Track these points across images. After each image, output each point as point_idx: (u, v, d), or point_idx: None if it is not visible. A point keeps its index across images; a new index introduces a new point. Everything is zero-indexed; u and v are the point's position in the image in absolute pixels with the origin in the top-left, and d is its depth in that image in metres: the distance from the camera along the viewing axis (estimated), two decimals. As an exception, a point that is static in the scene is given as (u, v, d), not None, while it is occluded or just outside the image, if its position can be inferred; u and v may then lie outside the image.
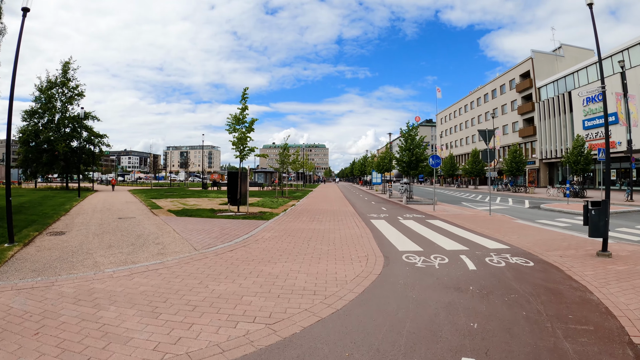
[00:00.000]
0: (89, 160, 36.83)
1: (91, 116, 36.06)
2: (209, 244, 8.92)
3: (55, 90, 34.36)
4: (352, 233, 11.07)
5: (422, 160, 26.93)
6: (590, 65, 43.04)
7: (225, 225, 12.16)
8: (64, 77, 34.43)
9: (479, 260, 7.69)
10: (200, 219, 13.66)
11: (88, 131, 35.87)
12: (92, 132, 36.15)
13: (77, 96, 35.12)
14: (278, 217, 14.84)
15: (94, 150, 37.13)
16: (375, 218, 15.52)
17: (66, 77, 34.44)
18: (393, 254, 8.21)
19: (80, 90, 35.21)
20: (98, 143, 36.94)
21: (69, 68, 34.55)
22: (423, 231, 11.72)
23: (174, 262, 7.09)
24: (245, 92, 15.58)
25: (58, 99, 34.58)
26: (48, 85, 34.10)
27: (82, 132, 34.33)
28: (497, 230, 12.16)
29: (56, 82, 34.30)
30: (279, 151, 29.72)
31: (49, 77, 34.43)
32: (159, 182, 71.42)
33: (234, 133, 15.22)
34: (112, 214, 15.33)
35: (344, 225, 13.04)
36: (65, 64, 34.41)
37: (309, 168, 64.13)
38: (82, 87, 35.31)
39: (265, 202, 22.63)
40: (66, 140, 33.93)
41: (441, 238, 10.37)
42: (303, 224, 12.97)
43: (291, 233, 10.85)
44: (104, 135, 37.08)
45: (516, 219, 16.03)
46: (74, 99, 35.07)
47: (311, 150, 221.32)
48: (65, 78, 34.41)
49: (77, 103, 35.33)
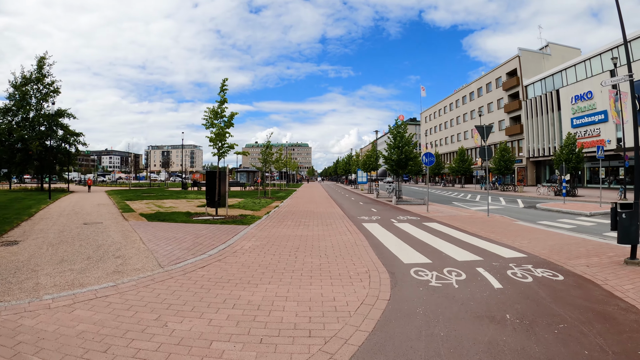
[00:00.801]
0: (65, 159, 35.10)
1: (67, 114, 34.19)
2: (178, 257, 7.46)
3: (30, 86, 32.47)
4: (345, 240, 9.72)
5: (411, 159, 25.73)
6: (579, 63, 42.61)
7: (200, 232, 10.68)
8: (39, 72, 32.45)
9: (500, 274, 6.47)
10: (173, 225, 12.15)
11: (64, 129, 34.10)
12: (68, 131, 34.30)
13: (52, 93, 33.23)
14: (260, 221, 13.40)
15: (69, 149, 35.31)
16: (367, 221, 14.22)
17: (41, 73, 32.47)
18: (398, 267, 6.89)
19: (56, 87, 33.38)
20: (74, 142, 35.09)
21: (44, 64, 32.59)
22: (424, 237, 10.45)
23: (130, 285, 5.63)
24: (224, 84, 14.10)
25: (33, 96, 32.78)
26: (23, 82, 32.15)
27: (57, 130, 32.73)
28: (503, 234, 11.06)
29: (31, 78, 32.33)
30: (262, 149, 28.15)
31: (24, 73, 32.45)
32: (139, 183, 69.06)
33: (212, 128, 13.72)
34: (78, 218, 13.83)
35: (334, 230, 11.70)
36: (41, 59, 32.41)
37: (292, 167, 62.61)
38: (57, 83, 33.51)
39: (247, 204, 21.15)
40: (40, 138, 32.01)
41: (447, 245, 9.11)
42: (288, 230, 11.57)
43: (275, 241, 9.44)
44: (80, 133, 35.26)
45: (516, 220, 14.98)
46: (50, 96, 33.14)
47: (294, 149, 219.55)
48: (41, 74, 32.44)
49: (53, 100, 33.24)
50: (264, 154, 27.82)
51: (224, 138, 13.79)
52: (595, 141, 39.22)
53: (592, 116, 40.08)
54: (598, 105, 39.27)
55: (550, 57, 52.98)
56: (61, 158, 34.57)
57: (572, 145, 31.09)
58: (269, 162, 28.12)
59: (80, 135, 35.26)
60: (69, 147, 35.18)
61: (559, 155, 31.56)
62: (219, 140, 13.73)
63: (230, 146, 13.94)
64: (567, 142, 31.38)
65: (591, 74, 40.66)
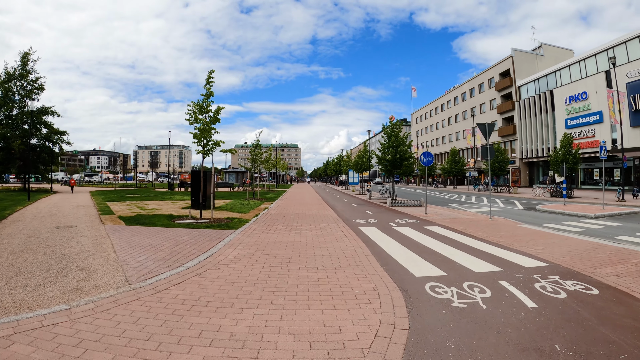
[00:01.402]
0: (48, 159, 33.65)
1: (51, 111, 32.74)
2: (151, 270, 6.35)
3: (14, 83, 30.89)
4: (343, 247, 8.68)
5: (406, 159, 24.74)
6: (574, 64, 42.16)
7: (180, 238, 9.56)
8: (23, 69, 30.89)
9: (528, 289, 5.58)
10: (153, 230, 11.00)
11: (48, 127, 32.71)
12: (52, 129, 32.91)
13: (37, 90, 31.77)
14: (248, 225, 12.29)
15: (53, 148, 33.91)
16: (364, 225, 13.20)
17: (25, 69, 30.91)
18: (410, 282, 5.87)
19: (40, 84, 31.86)
20: (57, 140, 33.66)
21: (29, 59, 31.01)
22: (429, 243, 9.46)
23: (86, 309, 4.54)
24: (210, 76, 12.97)
25: (16, 93, 31.20)
26: (6, 78, 30.54)
27: (41, 128, 31.44)
28: (512, 238, 10.20)
29: (14, 74, 30.75)
30: (251, 149, 26.81)
31: (7, 69, 30.85)
32: (126, 183, 67.46)
33: (196, 124, 12.56)
34: (53, 221, 12.71)
35: (330, 235, 10.65)
36: (25, 55, 30.83)
37: (282, 168, 61.35)
38: (42, 79, 31.99)
39: (235, 206, 20.01)
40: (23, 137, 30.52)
41: (458, 253, 8.13)
42: (279, 235, 10.48)
43: (264, 249, 8.34)
44: (64, 132, 33.87)
45: (520, 223, 14.11)
46: (34, 93, 31.73)
47: (283, 150, 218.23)
48: (25, 70, 30.87)
49: (37, 97, 32.22)
50: (253, 153, 26.55)
51: (209, 134, 12.64)
52: (590, 142, 38.76)
53: (586, 117, 39.60)
54: (593, 106, 38.81)
55: (544, 58, 52.62)
56: (45, 157, 33.20)
57: (569, 145, 30.47)
58: (258, 162, 26.87)
59: (65, 134, 34.00)
60: (53, 146, 33.84)
61: (555, 156, 30.90)
62: (203, 137, 12.58)
63: (216, 143, 12.79)
64: (563, 143, 30.75)
65: (586, 74, 40.21)
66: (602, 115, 37.73)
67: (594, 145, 38.47)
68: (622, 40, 35.57)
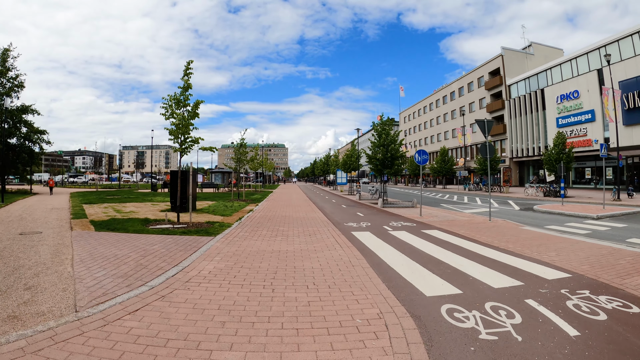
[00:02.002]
0: (28, 159, 32.11)
1: (31, 110, 31.11)
2: (106, 291, 5.23)
3: None
4: (336, 257, 7.62)
5: (397, 158, 23.76)
6: (565, 63, 41.76)
7: (151, 247, 8.42)
8: (3, 65, 29.05)
9: (562, 309, 4.69)
10: (123, 236, 9.85)
11: (28, 126, 31.13)
12: (32, 128, 31.36)
13: (16, 87, 29.99)
14: (230, 231, 11.15)
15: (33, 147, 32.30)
16: (357, 229, 12.18)
17: (5, 66, 29.09)
18: (421, 305, 4.84)
19: (20, 81, 30.07)
20: (37, 140, 32.09)
21: (9, 56, 29.24)
22: (432, 250, 8.48)
23: (14, 349, 3.45)
24: (188, 67, 11.84)
25: None
26: None
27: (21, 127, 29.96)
28: (519, 243, 9.40)
29: None
30: (235, 148, 25.45)
31: None
32: (110, 184, 65.64)
33: (172, 119, 11.38)
34: (20, 226, 11.62)
35: (320, 242, 9.60)
36: (4, 52, 29.03)
37: (269, 168, 60.00)
38: (22, 77, 30.22)
39: (217, 208, 18.84)
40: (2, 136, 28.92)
41: (467, 263, 7.17)
42: (263, 242, 9.37)
43: (245, 261, 7.23)
44: (44, 131, 32.36)
45: (522, 225, 13.31)
46: (13, 90, 29.93)
47: (270, 149, 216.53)
48: (4, 67, 29.05)
49: (17, 95, 30.47)
50: (238, 152, 25.30)
51: (187, 130, 11.50)
52: (582, 141, 38.36)
53: (578, 115, 39.20)
54: (585, 104, 38.43)
55: (533, 57, 52.30)
56: (24, 157, 31.65)
57: (562, 144, 29.90)
58: (243, 161, 25.59)
59: (45, 133, 32.52)
60: (33, 145, 32.23)
61: (549, 155, 30.31)
62: (181, 133, 11.44)
63: (194, 140, 11.62)
64: (556, 142, 30.16)
65: (577, 73, 39.82)
66: (594, 113, 37.35)
67: (585, 144, 38.09)
68: (615, 39, 35.21)
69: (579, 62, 39.87)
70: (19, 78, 30.14)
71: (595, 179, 38.14)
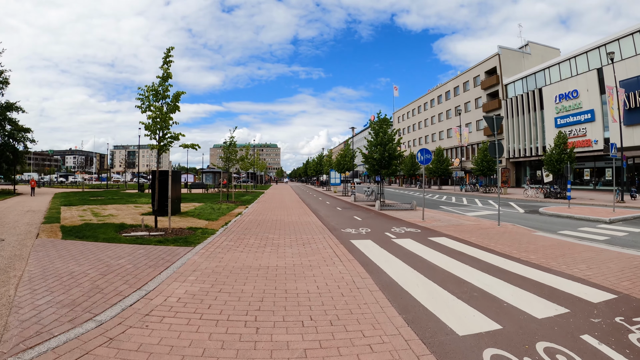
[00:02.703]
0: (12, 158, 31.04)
1: (15, 107, 29.92)
2: (41, 329, 3.93)
3: None
4: (337, 276, 6.36)
5: (395, 157, 22.49)
6: (564, 62, 40.87)
7: (117, 260, 7.13)
8: None
9: (628, 348, 3.62)
10: (90, 246, 8.54)
11: (12, 124, 29.99)
12: (17, 126, 30.22)
13: (1, 84, 28.95)
14: (213, 239, 9.84)
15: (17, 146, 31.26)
16: (356, 236, 10.94)
17: None
18: (456, 351, 3.62)
19: (5, 77, 28.98)
20: (21, 139, 30.89)
21: None
22: (446, 263, 7.29)
23: None
24: (168, 54, 10.57)
25: None
26: None
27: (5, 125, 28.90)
28: (541, 253, 8.33)
29: None
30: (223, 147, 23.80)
31: None
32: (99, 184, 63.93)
33: (149, 112, 10.05)
34: None
35: (316, 253, 8.36)
36: None
37: (260, 167, 58.46)
38: (7, 73, 29.12)
39: (204, 210, 17.52)
40: None
41: (492, 281, 5.99)
42: (249, 255, 8.04)
43: (225, 282, 5.93)
44: (29, 129, 31.24)
45: (534, 230, 12.25)
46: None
47: (263, 150, 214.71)
48: None
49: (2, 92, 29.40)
50: (227, 151, 23.84)
51: (166, 125, 10.21)
52: (581, 141, 37.47)
53: (577, 115, 38.33)
54: (584, 104, 37.57)
55: (530, 56, 51.51)
56: (8, 156, 30.54)
57: (564, 144, 28.93)
58: (232, 160, 24.13)
59: (29, 132, 31.41)
60: (17, 144, 31.14)
61: (550, 155, 29.32)
62: (159, 129, 10.15)
63: (174, 137, 10.31)
64: (557, 142, 29.18)
65: (576, 72, 38.96)
66: (594, 113, 36.51)
67: (585, 145, 37.24)
68: (615, 38, 34.39)
69: (578, 61, 39.01)
70: (4, 74, 29.12)
71: (595, 180, 37.31)
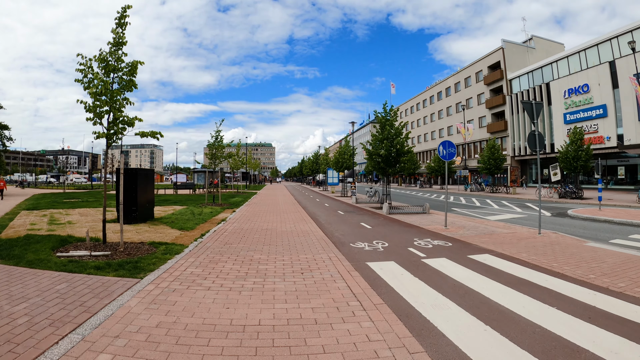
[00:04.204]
0: None
1: None
2: None
3: None
4: (363, 350, 3.84)
5: (403, 154, 19.79)
6: (573, 55, 38.51)
7: (14, 305, 4.52)
8: None
9: None
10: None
11: None
12: None
13: None
14: (175, 263, 7.11)
15: None
16: (373, 255, 8.23)
17: None
18: None
19: None
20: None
21: None
22: (516, 303, 4.73)
23: None
24: (124, 13, 7.92)
25: None
26: None
27: None
28: (620, 276, 5.87)
29: None
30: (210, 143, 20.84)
31: None
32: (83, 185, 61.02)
33: (93, 88, 7.40)
34: None
35: (323, 292, 5.74)
36: None
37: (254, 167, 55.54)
38: None
39: (181, 216, 14.80)
40: None
41: (613, 340, 3.44)
42: (218, 300, 5.32)
43: None
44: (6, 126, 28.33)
45: (584, 240, 9.87)
46: None
47: (257, 149, 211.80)
48: None
49: None
50: (212, 147, 21.03)
51: (118, 106, 7.55)
52: (592, 138, 35.14)
53: (588, 111, 36.00)
54: (595, 99, 35.26)
55: (535, 50, 49.24)
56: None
57: (580, 140, 26.64)
58: (218, 157, 21.31)
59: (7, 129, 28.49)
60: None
61: (565, 152, 27.01)
62: (107, 111, 7.51)
63: (128, 122, 7.65)
64: (573, 138, 26.88)
65: (587, 65, 36.64)
66: (606, 109, 34.22)
67: (597, 142, 34.93)
68: (629, 29, 32.17)
69: (588, 54, 36.70)
70: None
71: (607, 179, 35.08)
